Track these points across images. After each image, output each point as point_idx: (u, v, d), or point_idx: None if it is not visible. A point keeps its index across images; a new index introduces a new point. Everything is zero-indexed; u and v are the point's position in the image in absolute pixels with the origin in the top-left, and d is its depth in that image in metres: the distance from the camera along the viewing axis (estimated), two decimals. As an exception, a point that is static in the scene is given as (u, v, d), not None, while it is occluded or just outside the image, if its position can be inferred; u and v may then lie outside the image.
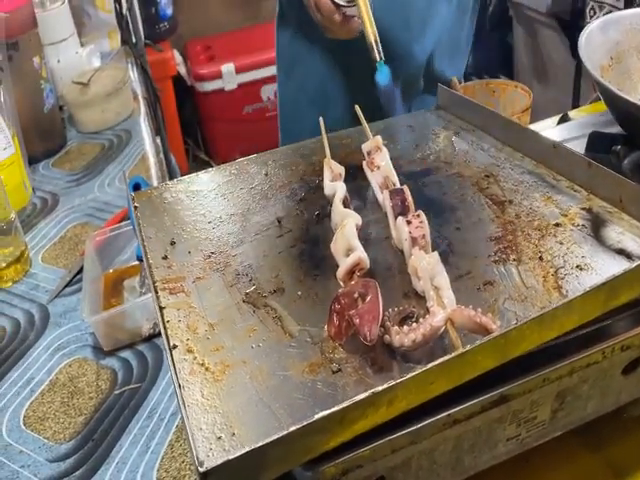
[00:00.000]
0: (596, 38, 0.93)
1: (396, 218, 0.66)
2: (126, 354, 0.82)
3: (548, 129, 1.11)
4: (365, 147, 0.80)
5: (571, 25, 2.26)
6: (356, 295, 0.56)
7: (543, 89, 2.44)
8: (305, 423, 0.45)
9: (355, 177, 0.79)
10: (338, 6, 0.86)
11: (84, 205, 1.15)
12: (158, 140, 1.58)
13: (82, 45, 1.70)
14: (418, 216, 0.64)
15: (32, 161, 1.28)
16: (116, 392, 0.76)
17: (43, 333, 0.87)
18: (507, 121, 0.86)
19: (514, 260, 0.65)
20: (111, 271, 0.94)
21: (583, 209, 0.71)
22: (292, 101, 1.32)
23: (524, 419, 0.58)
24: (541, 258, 0.64)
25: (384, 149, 0.79)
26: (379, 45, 0.80)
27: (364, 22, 0.81)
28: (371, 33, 0.80)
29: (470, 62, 2.93)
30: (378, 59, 0.79)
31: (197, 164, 3.17)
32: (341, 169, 0.78)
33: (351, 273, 0.61)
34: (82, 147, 1.38)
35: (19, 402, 0.77)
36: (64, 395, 0.77)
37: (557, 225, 0.69)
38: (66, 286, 0.95)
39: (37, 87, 1.34)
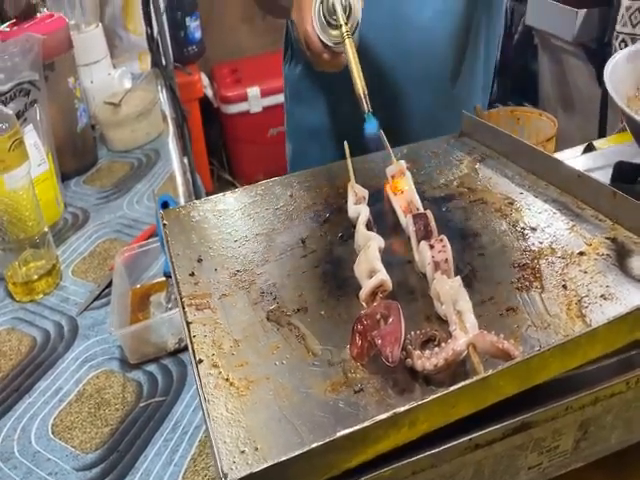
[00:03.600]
0: (623, 68, 0.94)
1: (419, 242, 0.67)
2: (152, 368, 0.83)
3: (573, 158, 1.12)
4: (389, 171, 0.82)
5: (597, 54, 2.26)
6: (378, 316, 0.57)
7: (568, 118, 2.44)
8: (327, 440, 0.46)
9: (379, 201, 0.81)
10: (326, 46, 0.88)
11: (113, 221, 1.18)
12: (185, 160, 1.61)
13: (114, 67, 1.74)
14: (441, 240, 0.65)
15: (64, 178, 1.31)
16: (141, 405, 0.78)
17: (72, 345, 0.89)
18: (531, 149, 0.86)
19: (537, 287, 0.65)
20: (138, 286, 0.96)
21: (608, 238, 0.71)
22: (299, 133, 1.35)
23: (546, 448, 0.58)
24: (565, 286, 0.65)
25: (408, 173, 0.80)
26: (367, 97, 0.81)
27: (352, 74, 0.82)
28: (360, 86, 0.81)
29: (495, 89, 2.96)
30: (366, 110, 0.80)
31: (221, 184, 3.21)
32: (365, 192, 0.79)
33: (374, 295, 0.62)
34: (112, 165, 1.42)
35: (48, 411, 0.79)
36: (91, 406, 0.79)
37: (581, 254, 0.69)
38: (95, 299, 0.97)
39: (71, 106, 1.38)
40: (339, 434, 0.46)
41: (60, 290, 1.01)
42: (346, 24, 0.86)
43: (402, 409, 0.47)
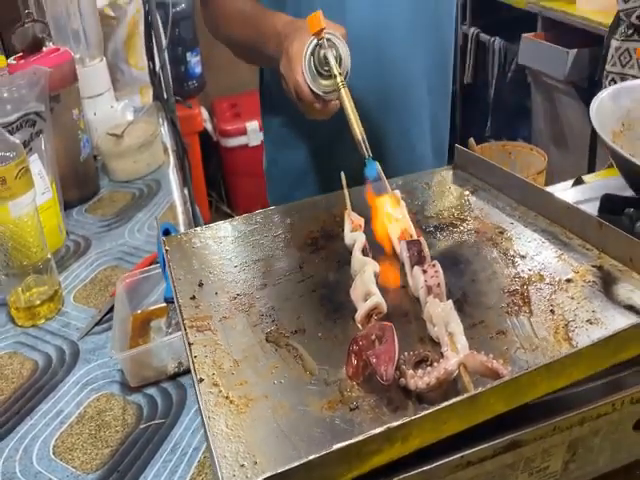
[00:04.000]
0: (607, 105, 0.98)
1: (413, 267, 0.70)
2: (152, 391, 0.85)
3: (563, 191, 1.15)
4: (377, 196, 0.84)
5: (588, 92, 2.33)
6: (373, 337, 0.60)
7: (560, 153, 2.49)
8: (323, 453, 0.48)
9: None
10: (318, 96, 0.91)
11: (115, 249, 1.20)
12: (185, 191, 1.64)
13: (116, 99, 1.79)
14: (434, 266, 0.68)
15: (67, 206, 1.34)
16: (141, 427, 0.79)
17: (73, 368, 0.91)
18: (522, 181, 0.90)
19: (526, 312, 0.68)
20: (139, 312, 0.98)
21: (594, 266, 0.74)
22: (285, 178, 1.36)
23: (536, 468, 0.60)
24: (552, 311, 0.67)
25: (402, 203, 0.83)
26: (366, 142, 0.84)
27: (350, 121, 0.85)
28: (358, 132, 0.84)
29: (489, 125, 3.02)
30: (366, 156, 0.83)
31: (219, 216, 3.25)
32: (361, 220, 0.82)
33: (369, 317, 0.64)
34: (114, 195, 1.45)
35: (49, 433, 0.80)
36: (92, 427, 0.80)
37: (569, 281, 0.72)
38: (96, 324, 0.99)
39: (75, 137, 1.41)
40: (335, 447, 0.48)
41: (62, 315, 1.03)
42: (340, 74, 0.89)
43: (395, 424, 0.49)
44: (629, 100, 1.02)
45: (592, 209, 0.95)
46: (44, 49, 1.38)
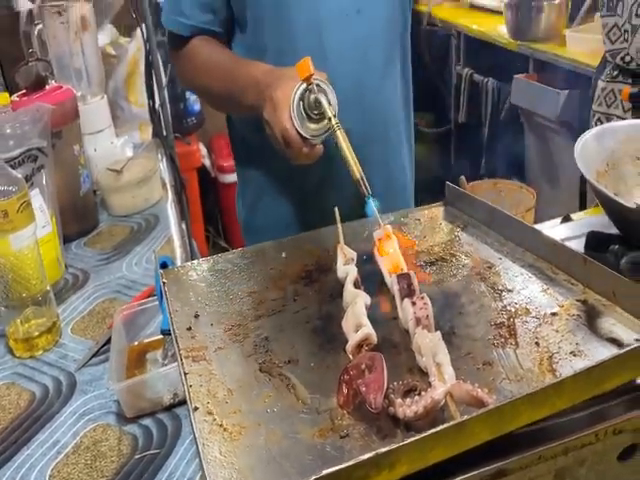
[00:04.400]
0: (592, 146, 1.01)
1: (402, 300, 0.72)
2: (147, 422, 0.86)
3: (552, 228, 1.18)
4: (376, 235, 0.87)
5: (579, 132, 2.37)
6: (363, 366, 0.62)
7: (553, 191, 2.53)
8: (313, 478, 0.49)
9: (367, 262, 0.86)
10: (305, 139, 0.94)
11: (113, 282, 1.22)
12: (183, 225, 1.67)
13: (117, 136, 1.82)
14: (422, 298, 0.70)
15: (66, 240, 1.36)
16: (136, 457, 0.80)
17: (70, 399, 0.92)
18: (510, 218, 0.92)
19: (512, 344, 0.70)
20: (136, 344, 1.00)
21: (579, 301, 0.76)
22: (271, 227, 1.30)
23: (524, 499, 0.62)
24: (537, 344, 0.70)
25: (394, 237, 0.86)
26: (365, 180, 0.87)
27: (348, 162, 0.88)
28: (356, 171, 0.87)
29: (483, 163, 3.07)
30: (366, 194, 0.86)
31: (216, 251, 3.27)
32: (353, 254, 0.85)
33: (359, 347, 0.67)
34: (112, 229, 1.47)
35: (45, 462, 0.81)
36: (88, 458, 0.81)
37: (554, 314, 0.74)
38: (93, 356, 1.00)
39: (75, 172, 1.45)
40: (324, 472, 0.50)
41: (59, 347, 1.05)
42: (334, 116, 0.91)
43: (383, 450, 0.51)
44: (613, 141, 1.05)
45: (579, 246, 0.97)
46: (47, 87, 1.42)
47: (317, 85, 0.93)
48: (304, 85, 0.93)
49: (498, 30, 2.91)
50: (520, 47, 2.75)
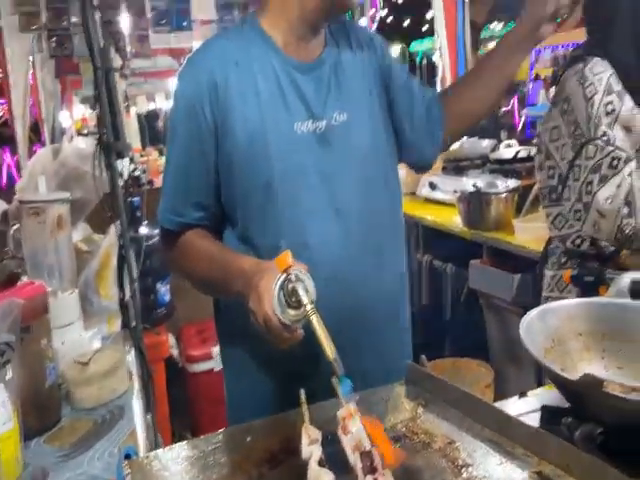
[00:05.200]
0: (537, 325, 1.08)
1: (365, 477, 0.73)
2: None
3: (511, 404, 1.21)
4: (339, 414, 0.89)
5: (534, 313, 2.47)
6: None
7: (513, 368, 2.57)
8: None
9: (332, 442, 0.87)
10: (286, 325, 1.01)
11: (73, 479, 1.18)
12: (149, 416, 1.64)
13: (85, 329, 1.84)
14: (384, 475, 0.71)
15: (27, 436, 1.32)
16: None
17: None
18: (468, 396, 0.96)
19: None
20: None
21: (535, 472, 0.79)
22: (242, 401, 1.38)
23: None
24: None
25: (356, 416, 0.88)
26: (339, 361, 0.93)
27: (322, 344, 0.94)
28: (329, 352, 0.93)
29: (447, 343, 3.13)
30: (340, 374, 0.92)
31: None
32: (318, 434, 0.86)
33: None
34: (75, 423, 1.44)
35: None
36: None
37: (512, 487, 0.76)
38: None
39: (41, 366, 1.44)
40: None
41: None
42: (311, 302, 0.99)
43: None
44: (555, 319, 1.12)
45: (535, 420, 1.00)
46: (18, 283, 1.46)
47: (295, 275, 1.01)
48: (284, 276, 1.01)
49: (453, 220, 3.12)
50: (474, 235, 2.94)
